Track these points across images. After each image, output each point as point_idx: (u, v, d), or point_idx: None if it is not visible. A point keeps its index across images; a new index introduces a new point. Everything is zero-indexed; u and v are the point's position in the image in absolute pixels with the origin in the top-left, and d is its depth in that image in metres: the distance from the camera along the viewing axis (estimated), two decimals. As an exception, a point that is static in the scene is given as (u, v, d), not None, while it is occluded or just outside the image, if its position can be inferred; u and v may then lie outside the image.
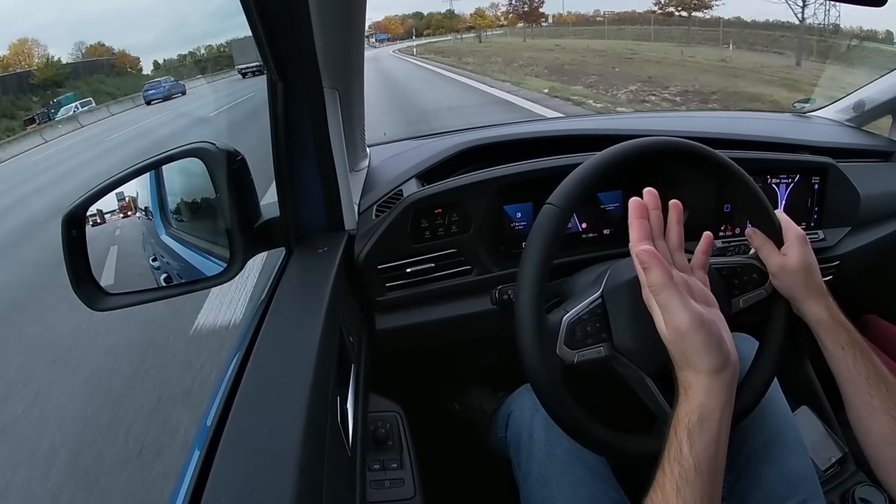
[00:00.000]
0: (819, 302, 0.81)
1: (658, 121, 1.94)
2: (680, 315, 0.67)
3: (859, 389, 0.77)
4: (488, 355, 1.44)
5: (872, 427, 0.76)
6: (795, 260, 0.82)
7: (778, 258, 0.82)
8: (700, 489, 0.62)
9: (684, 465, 0.63)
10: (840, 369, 0.80)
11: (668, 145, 0.83)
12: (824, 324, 0.81)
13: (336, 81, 0.96)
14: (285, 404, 0.61)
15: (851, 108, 1.62)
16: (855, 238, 1.31)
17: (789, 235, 0.84)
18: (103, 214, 0.90)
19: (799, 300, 0.82)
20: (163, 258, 0.99)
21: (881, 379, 0.77)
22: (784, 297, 0.84)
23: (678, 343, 0.67)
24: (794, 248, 0.82)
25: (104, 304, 0.86)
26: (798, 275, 0.81)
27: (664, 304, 0.68)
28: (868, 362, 0.78)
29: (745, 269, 0.85)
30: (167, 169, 0.92)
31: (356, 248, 1.07)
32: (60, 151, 18.19)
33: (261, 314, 0.80)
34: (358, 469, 0.78)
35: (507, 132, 1.48)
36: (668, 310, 0.67)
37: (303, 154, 0.94)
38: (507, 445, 1.04)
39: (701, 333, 0.66)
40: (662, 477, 0.64)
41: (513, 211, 1.17)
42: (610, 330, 0.77)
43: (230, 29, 75.08)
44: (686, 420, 0.65)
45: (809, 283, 0.82)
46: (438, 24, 79.27)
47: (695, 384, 0.67)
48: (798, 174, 1.27)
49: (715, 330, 0.68)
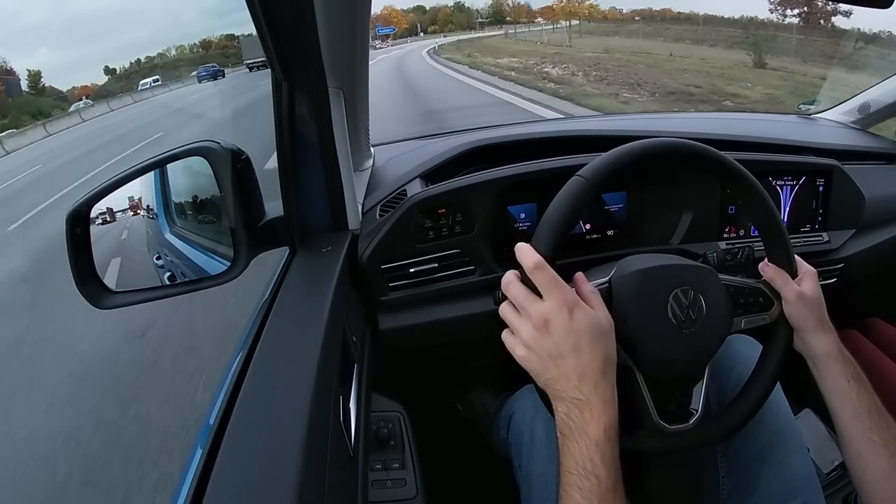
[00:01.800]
0: (828, 335, 0.82)
1: (663, 121, 1.93)
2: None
3: (861, 424, 0.77)
4: (491, 356, 1.44)
5: (871, 462, 0.76)
6: (811, 290, 0.83)
7: (795, 286, 0.83)
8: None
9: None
10: (843, 402, 0.80)
11: (701, 151, 0.82)
12: (833, 356, 0.81)
13: (341, 81, 0.96)
14: (288, 403, 0.61)
15: (857, 110, 1.62)
16: (859, 241, 1.31)
17: (803, 268, 0.85)
18: (113, 213, 0.91)
19: (809, 331, 0.83)
20: (167, 257, 1.00)
21: (882, 414, 0.78)
22: (787, 328, 0.84)
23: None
24: (809, 281, 0.84)
25: (108, 301, 0.87)
26: (813, 305, 0.82)
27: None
28: (870, 397, 0.79)
29: (753, 291, 0.85)
30: (171, 167, 0.92)
31: (360, 247, 1.07)
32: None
33: (264, 313, 0.80)
34: (360, 469, 0.78)
35: (511, 133, 1.48)
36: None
37: (307, 153, 0.94)
38: (509, 447, 1.04)
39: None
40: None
41: (517, 211, 1.17)
42: (613, 316, 0.77)
43: (226, 26, 75.38)
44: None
45: (821, 316, 0.83)
46: (447, 20, 74.43)
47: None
48: (803, 176, 1.27)
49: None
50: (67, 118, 31.25)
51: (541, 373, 0.69)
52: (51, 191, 9.34)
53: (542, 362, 0.69)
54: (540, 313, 0.68)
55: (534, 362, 0.70)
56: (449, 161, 1.26)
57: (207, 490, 0.51)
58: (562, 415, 0.67)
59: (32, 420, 2.87)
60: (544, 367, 0.69)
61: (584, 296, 0.72)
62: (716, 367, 0.97)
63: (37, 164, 15.02)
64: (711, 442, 0.87)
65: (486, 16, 73.50)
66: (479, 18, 73.17)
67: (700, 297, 0.78)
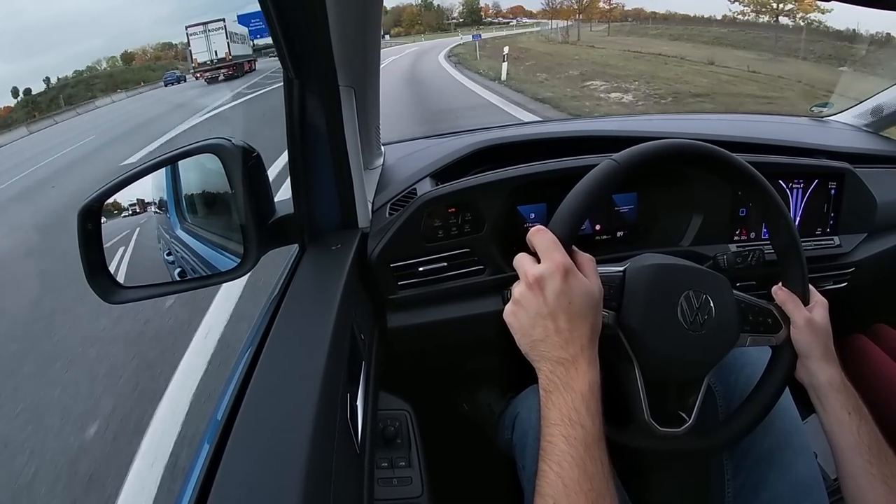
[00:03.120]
0: (832, 365, 0.83)
1: (676, 123, 1.92)
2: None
3: (860, 457, 0.77)
4: (498, 356, 1.44)
5: (869, 495, 0.76)
6: (821, 319, 0.83)
7: (805, 312, 0.83)
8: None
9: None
10: (843, 434, 0.79)
11: (740, 166, 0.82)
12: (836, 386, 0.81)
13: (352, 79, 0.96)
14: (295, 400, 0.61)
15: (869, 112, 1.61)
16: (870, 245, 1.30)
17: (815, 297, 0.86)
18: (145, 204, 0.92)
19: (814, 359, 0.83)
20: (177, 252, 1.00)
21: (882, 447, 0.77)
22: (792, 354, 0.84)
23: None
24: (820, 310, 0.84)
25: (118, 296, 0.87)
26: (820, 334, 0.83)
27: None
28: (871, 430, 0.79)
29: (763, 312, 0.85)
30: (183, 164, 0.93)
31: (369, 245, 1.08)
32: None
33: (273, 310, 0.81)
34: (366, 466, 0.78)
35: (522, 132, 1.47)
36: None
37: (318, 151, 0.94)
38: (513, 447, 1.04)
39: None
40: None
41: (527, 211, 1.17)
42: (622, 303, 0.77)
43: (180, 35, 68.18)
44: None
45: (827, 345, 0.83)
46: (413, 20, 67.76)
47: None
48: (815, 179, 1.26)
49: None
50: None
51: (527, 332, 0.70)
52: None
53: (529, 320, 0.69)
54: (534, 273, 0.69)
55: (521, 320, 0.70)
56: (459, 160, 1.26)
57: (214, 484, 0.51)
58: (546, 373, 0.67)
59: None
60: (531, 326, 0.69)
61: (580, 264, 0.71)
62: (724, 367, 0.97)
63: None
64: (698, 454, 0.87)
65: (461, 15, 69.84)
66: (452, 19, 69.15)
67: (711, 303, 0.78)
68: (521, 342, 0.71)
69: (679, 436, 0.80)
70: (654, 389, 0.79)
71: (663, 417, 0.80)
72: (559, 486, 0.61)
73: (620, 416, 0.79)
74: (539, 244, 0.70)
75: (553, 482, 0.61)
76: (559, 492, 0.60)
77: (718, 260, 1.03)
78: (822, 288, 1.26)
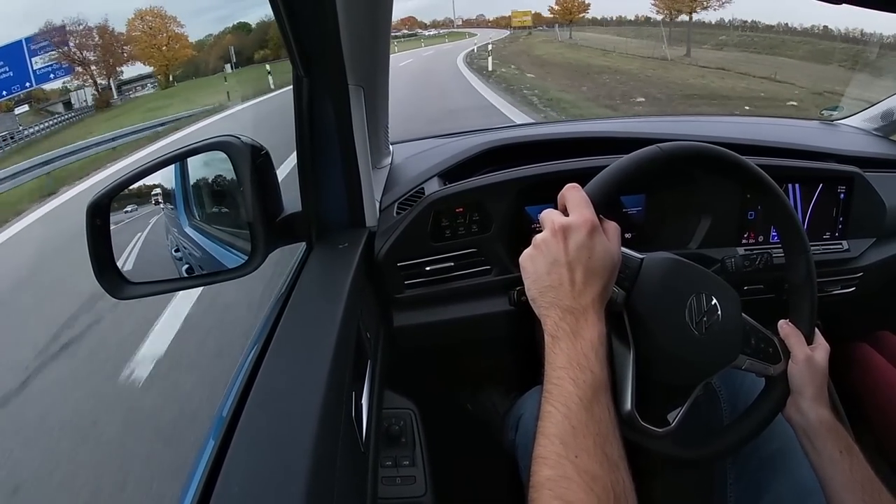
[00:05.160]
0: (824, 405, 0.83)
1: (686, 125, 1.92)
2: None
3: (854, 496, 0.76)
4: (504, 356, 1.44)
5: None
6: (821, 360, 0.84)
7: (807, 349, 0.83)
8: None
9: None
10: (836, 475, 0.79)
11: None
12: (827, 425, 0.81)
13: (361, 78, 0.96)
14: (300, 398, 0.61)
15: (879, 117, 1.60)
16: (879, 249, 1.29)
17: (819, 339, 0.86)
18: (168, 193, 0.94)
19: (806, 397, 0.83)
20: (185, 249, 1.01)
21: (874, 484, 0.77)
22: (785, 388, 0.85)
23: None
24: (822, 352, 0.85)
25: (126, 292, 0.88)
26: (817, 374, 0.83)
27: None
28: (863, 467, 0.78)
29: (766, 339, 0.85)
30: (192, 161, 0.93)
31: (376, 244, 1.08)
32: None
33: (280, 307, 0.81)
34: (370, 464, 0.78)
35: (530, 133, 1.47)
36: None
37: (326, 150, 0.95)
38: (516, 448, 1.04)
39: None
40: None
41: (534, 212, 1.16)
42: (634, 286, 0.77)
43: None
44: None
45: (821, 386, 0.84)
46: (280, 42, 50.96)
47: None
48: (823, 183, 1.25)
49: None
50: None
51: (540, 276, 0.69)
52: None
53: (546, 266, 0.69)
54: (562, 222, 0.69)
55: (537, 265, 0.70)
56: (467, 160, 1.26)
57: (218, 480, 0.51)
58: (554, 319, 0.66)
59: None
60: (546, 272, 0.68)
61: (606, 229, 0.71)
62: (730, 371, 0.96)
63: None
64: (671, 458, 0.86)
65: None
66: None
67: (718, 311, 0.78)
68: (531, 287, 0.71)
69: (657, 436, 0.79)
70: (644, 384, 0.79)
71: (646, 413, 0.79)
72: (566, 427, 0.59)
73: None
74: (571, 199, 0.71)
75: (559, 422, 0.60)
76: (566, 432, 0.59)
77: (726, 263, 1.02)
78: (830, 293, 1.25)
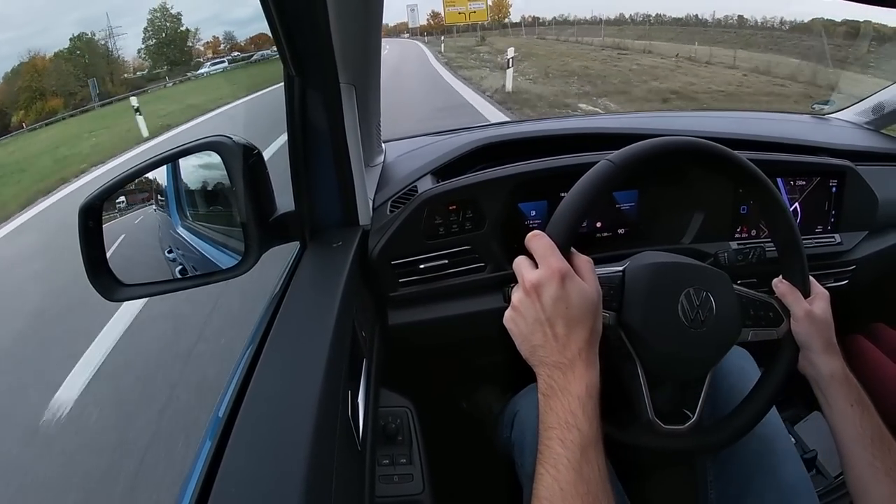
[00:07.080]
0: (834, 357, 0.82)
1: (677, 120, 1.92)
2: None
3: (864, 450, 0.77)
4: (499, 353, 1.44)
5: (872, 488, 0.76)
6: (821, 311, 0.83)
7: (805, 304, 0.82)
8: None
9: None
10: (846, 427, 0.79)
11: (738, 161, 0.81)
12: (838, 378, 0.81)
13: (353, 77, 0.96)
14: (297, 397, 0.61)
15: (871, 110, 1.61)
16: (871, 243, 1.30)
17: (816, 289, 0.85)
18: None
19: (815, 351, 0.82)
20: (178, 250, 1.00)
21: (885, 440, 0.77)
22: (793, 347, 0.84)
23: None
24: (821, 302, 0.84)
25: (119, 294, 0.87)
26: (821, 326, 0.82)
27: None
28: (874, 422, 0.78)
29: (764, 305, 0.85)
30: (183, 162, 0.93)
31: (370, 243, 1.08)
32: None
33: (274, 307, 0.81)
34: (367, 463, 0.78)
35: (523, 129, 1.47)
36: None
37: (319, 149, 0.95)
38: (512, 446, 1.04)
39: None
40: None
41: (528, 209, 1.17)
42: (622, 303, 0.77)
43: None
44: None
45: (828, 337, 0.82)
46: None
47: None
48: (816, 177, 1.26)
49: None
50: None
51: (526, 337, 0.69)
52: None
53: (528, 326, 0.69)
54: (532, 279, 0.68)
55: (520, 326, 0.70)
56: (460, 157, 1.26)
57: (216, 481, 0.51)
58: (545, 378, 0.67)
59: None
60: (530, 332, 0.69)
61: (578, 268, 0.71)
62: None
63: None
64: (703, 450, 0.86)
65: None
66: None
67: (711, 300, 0.78)
68: (521, 347, 0.71)
69: (683, 433, 0.80)
70: (657, 387, 0.79)
71: (667, 415, 0.79)
72: (555, 490, 0.60)
73: (624, 415, 0.79)
74: (536, 249, 0.70)
75: (549, 485, 0.61)
76: (555, 495, 0.60)
77: (719, 257, 1.03)
78: (824, 286, 1.25)
